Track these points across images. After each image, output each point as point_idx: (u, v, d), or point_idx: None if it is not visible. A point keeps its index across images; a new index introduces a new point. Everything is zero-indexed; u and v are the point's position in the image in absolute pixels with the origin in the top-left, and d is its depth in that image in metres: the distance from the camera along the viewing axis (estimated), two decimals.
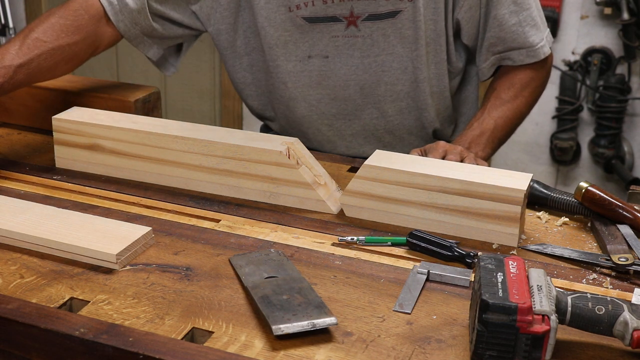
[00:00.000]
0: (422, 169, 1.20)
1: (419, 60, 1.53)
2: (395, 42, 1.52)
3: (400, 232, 1.19)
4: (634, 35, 2.97)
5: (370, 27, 1.50)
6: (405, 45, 1.52)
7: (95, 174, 1.38)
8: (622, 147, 3.17)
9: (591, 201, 1.22)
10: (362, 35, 1.51)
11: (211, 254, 1.12)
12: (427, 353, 0.91)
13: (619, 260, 1.09)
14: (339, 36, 1.52)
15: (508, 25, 1.52)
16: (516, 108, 1.58)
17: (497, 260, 0.93)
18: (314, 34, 1.52)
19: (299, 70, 1.56)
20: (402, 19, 1.49)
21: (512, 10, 1.52)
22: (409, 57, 1.53)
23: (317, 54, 1.54)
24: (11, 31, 3.78)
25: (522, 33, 1.53)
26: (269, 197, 1.29)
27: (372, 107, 1.59)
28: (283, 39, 1.54)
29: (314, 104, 1.59)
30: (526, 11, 1.53)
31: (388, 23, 1.50)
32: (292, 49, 1.54)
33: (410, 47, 1.52)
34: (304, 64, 1.55)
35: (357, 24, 1.50)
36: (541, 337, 0.85)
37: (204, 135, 1.30)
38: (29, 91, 1.58)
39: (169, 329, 0.94)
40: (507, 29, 1.53)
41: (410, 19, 1.49)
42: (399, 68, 1.54)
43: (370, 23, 1.50)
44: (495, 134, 1.55)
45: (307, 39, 1.53)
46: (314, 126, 1.62)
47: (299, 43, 1.54)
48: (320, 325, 0.93)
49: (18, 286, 1.02)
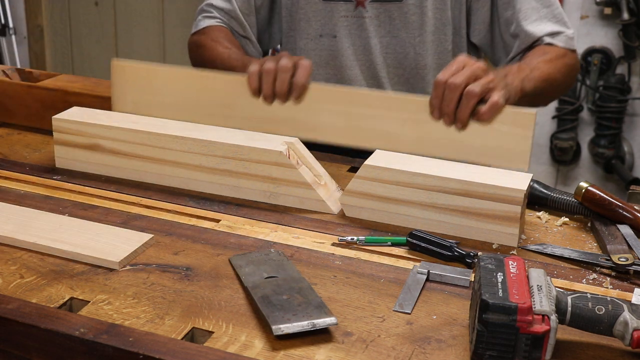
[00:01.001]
0: (422, 169, 1.20)
1: (423, 47, 1.55)
2: (400, 25, 1.55)
3: (400, 232, 1.19)
4: (634, 35, 2.97)
5: (378, 9, 1.54)
6: (409, 31, 1.54)
7: (95, 174, 1.38)
8: (622, 147, 3.17)
9: (591, 201, 1.22)
10: (369, 17, 1.55)
11: (211, 254, 1.12)
12: (427, 353, 0.91)
13: (619, 260, 1.09)
14: (347, 16, 1.56)
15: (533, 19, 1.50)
16: (552, 69, 1.47)
17: (497, 260, 0.93)
18: (325, 13, 1.57)
19: (310, 48, 1.62)
20: (408, 4, 1.53)
21: (535, 7, 1.50)
22: (411, 44, 1.56)
23: (327, 33, 1.59)
24: (11, 31, 3.78)
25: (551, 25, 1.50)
26: (269, 197, 1.29)
27: (376, 89, 1.61)
28: (297, 16, 1.60)
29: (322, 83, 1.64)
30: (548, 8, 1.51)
31: (394, 6, 1.53)
32: (304, 27, 1.60)
33: (414, 32, 1.55)
34: (315, 42, 1.61)
35: (365, 5, 1.55)
36: (541, 337, 0.85)
37: (204, 135, 1.30)
38: (29, 91, 1.58)
39: (169, 329, 0.94)
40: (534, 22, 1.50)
41: (417, 5, 1.53)
42: (402, 52, 1.57)
43: (378, 4, 1.54)
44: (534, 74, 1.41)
45: (319, 17, 1.58)
46: None
47: (312, 22, 1.59)
48: (320, 325, 0.93)
49: (18, 286, 1.02)
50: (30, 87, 1.59)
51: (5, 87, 1.61)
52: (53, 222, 1.17)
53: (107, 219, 1.21)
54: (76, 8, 3.81)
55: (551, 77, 1.47)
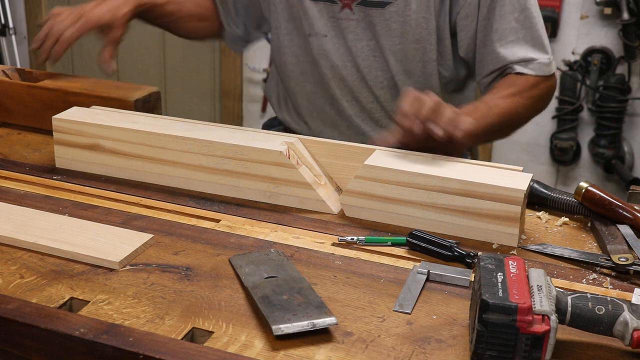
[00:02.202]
0: (422, 169, 1.20)
1: (405, 55, 1.55)
2: (381, 32, 1.55)
3: (400, 232, 1.19)
4: (634, 35, 2.97)
5: (363, 12, 1.55)
6: (389, 39, 1.55)
7: (95, 174, 1.38)
8: (622, 147, 3.17)
9: (591, 201, 1.22)
10: (356, 19, 1.56)
11: (211, 254, 1.12)
12: (427, 353, 0.91)
13: (619, 260, 1.09)
14: (335, 17, 1.57)
15: (509, 40, 1.49)
16: (513, 105, 1.47)
17: (497, 260, 0.93)
18: (314, 13, 1.58)
19: (299, 45, 1.63)
20: (390, 11, 1.53)
21: (514, 28, 1.49)
22: (391, 51, 1.56)
23: (316, 33, 1.60)
24: (11, 31, 3.78)
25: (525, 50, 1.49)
26: (269, 197, 1.29)
27: (367, 91, 1.63)
28: (288, 15, 1.62)
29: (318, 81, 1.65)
30: (528, 30, 1.50)
31: (376, 12, 1.54)
32: (295, 25, 1.62)
33: (394, 40, 1.55)
34: (304, 41, 1.62)
35: (352, 7, 1.55)
36: (541, 337, 0.85)
37: (204, 135, 1.30)
38: (29, 91, 1.58)
39: (169, 329, 0.94)
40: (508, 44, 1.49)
41: (400, 13, 1.53)
42: (383, 59, 1.58)
43: (363, 7, 1.55)
44: (489, 117, 1.42)
45: (308, 17, 1.59)
46: (319, 105, 1.67)
47: (302, 20, 1.60)
48: (320, 325, 0.93)
49: (18, 286, 1.02)
50: (30, 87, 1.58)
51: (5, 87, 1.61)
52: (53, 222, 1.17)
53: (107, 219, 1.21)
54: None
55: (512, 112, 1.46)
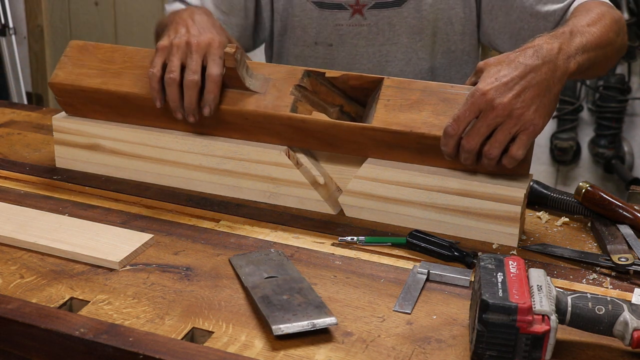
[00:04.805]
0: (422, 168, 1.20)
1: (424, 50, 1.53)
2: (401, 31, 1.53)
3: (400, 232, 1.19)
4: (634, 35, 2.97)
5: (377, 16, 1.52)
6: (410, 36, 1.53)
7: (95, 174, 1.38)
8: (622, 147, 3.17)
9: (591, 201, 1.22)
10: (367, 24, 1.53)
11: (211, 254, 1.12)
12: (427, 353, 0.91)
13: (619, 260, 1.09)
14: (342, 25, 1.54)
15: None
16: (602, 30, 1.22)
17: (497, 260, 0.93)
18: (320, 21, 1.55)
19: (306, 55, 1.59)
20: (408, 8, 1.51)
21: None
22: (412, 48, 1.54)
23: (322, 41, 1.57)
24: (11, 31, 3.78)
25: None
26: (269, 197, 1.29)
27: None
28: (292, 23, 1.57)
29: None
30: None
31: (394, 12, 1.51)
32: (300, 34, 1.58)
33: (415, 37, 1.53)
34: (311, 49, 1.58)
35: (363, 12, 1.52)
36: (541, 337, 0.85)
37: (204, 135, 1.30)
38: None
39: (169, 329, 0.94)
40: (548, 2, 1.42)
41: (416, 8, 1.50)
42: (403, 59, 1.55)
43: (377, 11, 1.51)
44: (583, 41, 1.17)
45: (314, 25, 1.56)
46: None
47: (307, 29, 1.57)
48: (320, 325, 0.93)
49: (18, 286, 1.02)
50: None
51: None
52: (53, 222, 1.17)
53: (107, 219, 1.21)
54: (76, 8, 3.81)
55: (604, 40, 1.23)
